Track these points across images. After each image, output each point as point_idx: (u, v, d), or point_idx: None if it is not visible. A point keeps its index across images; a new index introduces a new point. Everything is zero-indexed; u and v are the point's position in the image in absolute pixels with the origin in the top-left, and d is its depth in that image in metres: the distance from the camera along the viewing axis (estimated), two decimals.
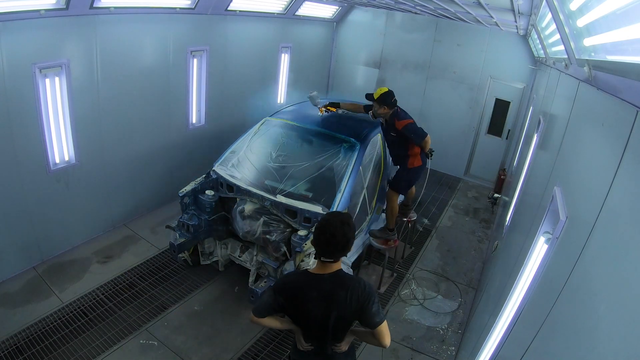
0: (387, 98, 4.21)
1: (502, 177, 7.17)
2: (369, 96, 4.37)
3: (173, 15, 5.05)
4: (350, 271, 3.92)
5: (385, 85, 8.80)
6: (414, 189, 4.99)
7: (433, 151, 4.55)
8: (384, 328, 2.12)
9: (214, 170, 4.42)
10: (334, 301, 2.10)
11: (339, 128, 4.60)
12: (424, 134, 4.29)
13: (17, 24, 3.55)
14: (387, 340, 2.14)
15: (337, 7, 8.15)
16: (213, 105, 6.16)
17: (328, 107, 4.94)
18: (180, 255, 4.35)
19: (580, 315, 1.16)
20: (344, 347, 2.32)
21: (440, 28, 7.76)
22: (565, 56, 2.34)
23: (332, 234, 2.03)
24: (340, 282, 2.12)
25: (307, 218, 3.86)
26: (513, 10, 3.78)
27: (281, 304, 2.17)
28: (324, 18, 8.31)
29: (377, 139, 4.69)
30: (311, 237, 3.61)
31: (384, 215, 5.21)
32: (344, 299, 2.09)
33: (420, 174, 4.63)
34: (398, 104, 4.35)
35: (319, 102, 5.08)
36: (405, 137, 4.29)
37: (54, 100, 4.10)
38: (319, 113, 4.91)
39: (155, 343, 3.71)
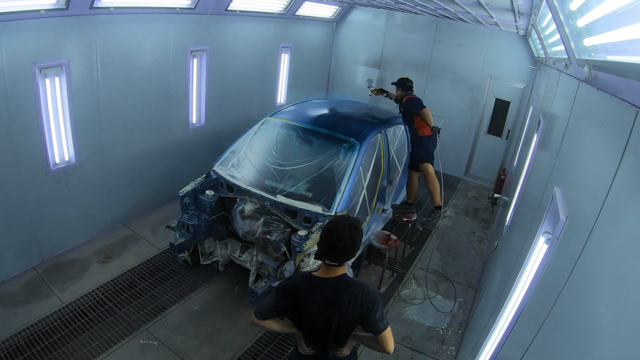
0: (402, 81, 5.15)
1: (502, 177, 7.17)
2: (392, 83, 5.30)
3: (173, 15, 5.05)
4: (350, 272, 3.92)
5: (385, 86, 8.84)
6: (416, 183, 5.41)
7: (440, 129, 5.16)
8: (388, 334, 2.09)
9: (214, 170, 4.42)
10: (338, 306, 2.08)
11: (339, 128, 4.60)
12: (420, 106, 4.88)
13: (17, 24, 3.55)
14: (390, 346, 2.11)
15: (337, 7, 8.15)
16: (213, 105, 6.16)
17: (377, 91, 5.77)
18: (180, 255, 4.35)
19: (580, 315, 1.16)
20: (346, 351, 2.29)
21: (440, 28, 7.76)
22: (565, 56, 2.34)
23: (339, 237, 2.01)
24: (344, 287, 2.10)
25: (307, 218, 3.86)
26: (513, 10, 3.78)
27: (283, 306, 2.15)
28: (324, 18, 8.31)
29: (377, 139, 4.69)
30: (311, 236, 3.62)
31: (384, 214, 5.22)
32: (348, 304, 2.07)
33: (432, 143, 5.09)
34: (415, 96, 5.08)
35: (373, 85, 6.38)
36: (409, 111, 4.94)
37: (54, 100, 4.10)
38: (369, 94, 5.90)
39: (155, 343, 3.71)
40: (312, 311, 2.11)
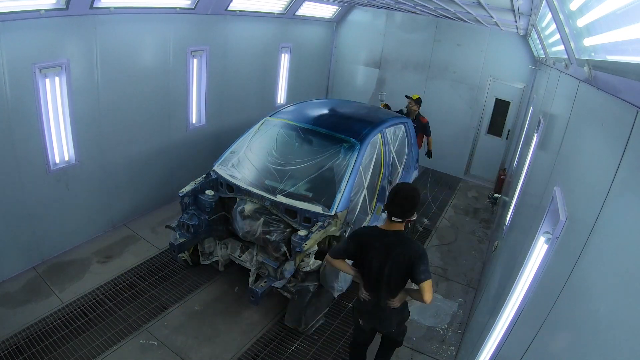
0: (420, 100, 6.38)
1: (502, 177, 7.17)
2: (407, 96, 6.40)
3: (173, 15, 5.05)
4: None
5: (385, 85, 8.86)
6: None
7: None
8: (427, 285, 2.53)
9: (214, 170, 4.42)
10: (391, 253, 2.60)
11: (338, 128, 4.60)
12: (429, 132, 6.45)
13: (17, 24, 3.55)
14: (427, 296, 2.54)
15: (337, 7, 8.15)
16: (213, 105, 6.16)
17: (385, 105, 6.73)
18: (180, 255, 4.35)
19: (580, 315, 1.16)
20: (396, 303, 2.76)
21: (440, 28, 7.76)
22: (565, 56, 2.34)
23: (405, 197, 2.58)
24: (399, 240, 2.63)
25: (307, 218, 3.86)
26: (513, 10, 3.78)
27: (352, 250, 2.71)
28: (324, 18, 8.31)
29: (377, 139, 4.69)
30: (311, 236, 3.62)
31: (384, 214, 5.20)
32: (399, 254, 2.59)
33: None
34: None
35: (383, 99, 7.25)
36: (424, 132, 6.37)
37: (54, 100, 4.10)
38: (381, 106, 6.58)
39: (155, 343, 3.71)
40: (372, 255, 2.64)
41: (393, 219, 2.58)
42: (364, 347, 3.31)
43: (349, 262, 2.89)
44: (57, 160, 4.31)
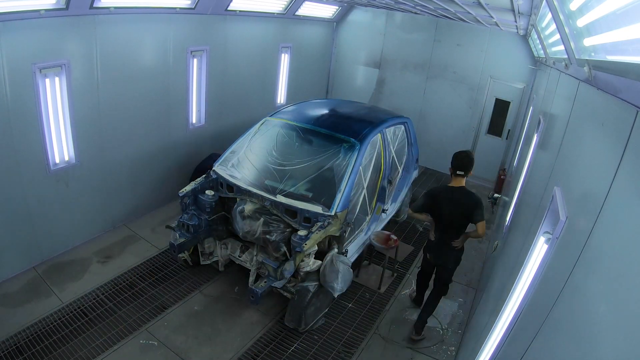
0: None
1: (502, 177, 7.16)
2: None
3: (173, 15, 5.05)
4: (350, 272, 3.92)
5: (384, 85, 8.84)
6: None
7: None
8: (481, 224, 3.54)
9: (214, 170, 4.42)
10: (457, 204, 3.61)
11: (339, 128, 4.60)
12: None
13: (17, 24, 3.55)
14: (481, 230, 3.58)
15: (337, 7, 8.15)
16: (213, 105, 6.16)
17: None
18: (180, 255, 4.35)
19: (580, 315, 1.16)
20: (458, 244, 3.75)
21: (440, 28, 7.76)
22: (565, 56, 2.34)
23: (464, 155, 3.61)
24: (462, 194, 3.63)
25: (307, 218, 3.86)
26: (513, 10, 3.78)
27: (429, 204, 3.73)
28: (324, 18, 8.31)
29: (377, 139, 4.69)
30: (311, 236, 3.63)
31: (384, 214, 5.19)
32: (463, 204, 3.60)
33: None
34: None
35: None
36: None
37: (54, 100, 4.10)
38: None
39: (155, 343, 3.71)
40: (443, 206, 3.65)
41: (457, 172, 3.57)
42: (429, 275, 4.20)
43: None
44: (57, 160, 4.31)
